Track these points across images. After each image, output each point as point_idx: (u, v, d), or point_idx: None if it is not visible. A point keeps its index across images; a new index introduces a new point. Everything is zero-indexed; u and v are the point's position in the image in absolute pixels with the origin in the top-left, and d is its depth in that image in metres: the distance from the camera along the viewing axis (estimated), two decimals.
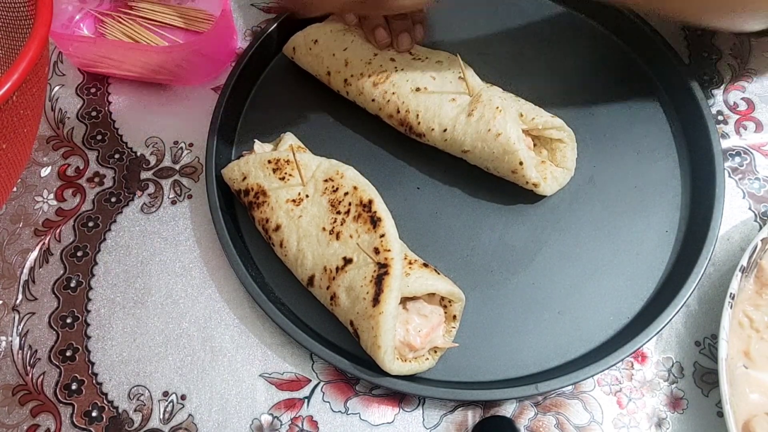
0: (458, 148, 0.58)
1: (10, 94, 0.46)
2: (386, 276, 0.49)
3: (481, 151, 0.57)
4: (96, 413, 0.54)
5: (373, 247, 0.51)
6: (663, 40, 0.64)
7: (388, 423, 0.53)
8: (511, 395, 0.52)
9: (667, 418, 0.52)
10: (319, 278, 0.53)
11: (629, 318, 0.55)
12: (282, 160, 0.57)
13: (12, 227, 0.62)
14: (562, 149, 0.59)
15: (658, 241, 0.58)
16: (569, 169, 0.59)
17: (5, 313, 0.58)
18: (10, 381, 0.55)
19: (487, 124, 0.56)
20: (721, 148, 0.59)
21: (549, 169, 0.59)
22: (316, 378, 0.55)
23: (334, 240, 0.52)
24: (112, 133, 0.66)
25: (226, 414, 0.54)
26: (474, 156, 0.58)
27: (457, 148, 0.58)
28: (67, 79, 0.70)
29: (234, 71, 0.64)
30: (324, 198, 0.55)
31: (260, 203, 0.56)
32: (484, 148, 0.57)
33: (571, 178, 0.59)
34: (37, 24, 0.49)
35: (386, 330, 0.48)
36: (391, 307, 0.48)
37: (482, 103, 0.56)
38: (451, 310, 0.52)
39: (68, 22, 0.71)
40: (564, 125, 0.58)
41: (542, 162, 0.59)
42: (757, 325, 0.52)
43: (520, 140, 0.56)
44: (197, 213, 0.62)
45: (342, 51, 0.62)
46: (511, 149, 0.55)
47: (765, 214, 0.60)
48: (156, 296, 0.58)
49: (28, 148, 0.57)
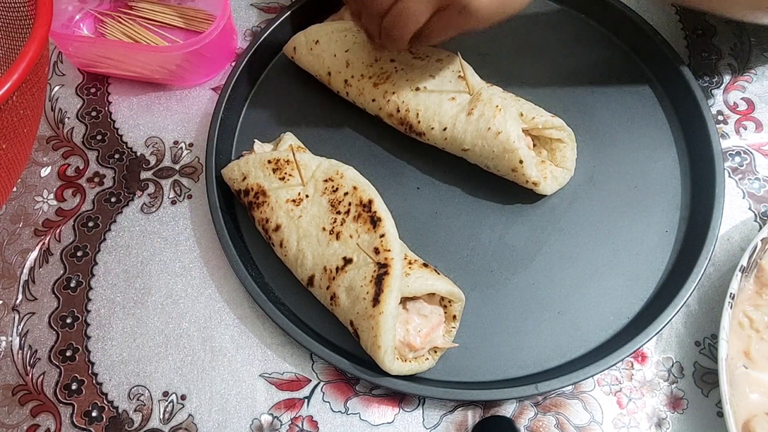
0: (458, 146, 0.58)
1: (10, 94, 0.46)
2: (386, 276, 0.49)
3: (481, 149, 0.57)
4: (96, 413, 0.54)
5: (373, 247, 0.51)
6: (663, 40, 0.64)
7: (388, 423, 0.53)
8: (511, 395, 0.52)
9: (667, 418, 0.52)
10: (319, 278, 0.53)
11: (629, 318, 0.55)
12: (282, 160, 0.57)
13: (12, 227, 0.62)
14: (561, 149, 0.59)
15: (658, 241, 0.58)
16: (569, 169, 0.59)
17: (5, 313, 0.58)
18: (10, 381, 0.55)
19: (487, 122, 0.56)
20: (721, 148, 0.59)
21: (549, 168, 0.59)
22: (316, 378, 0.55)
23: (334, 240, 0.52)
24: (112, 133, 0.66)
25: (226, 414, 0.54)
26: (474, 154, 0.58)
27: (457, 146, 0.58)
28: (67, 79, 0.70)
29: (234, 71, 0.64)
30: (324, 198, 0.54)
31: (260, 203, 0.56)
32: (484, 147, 0.57)
33: (570, 177, 0.59)
34: (37, 24, 0.49)
35: (386, 330, 0.48)
36: (391, 307, 0.48)
37: (482, 102, 0.56)
38: (451, 310, 0.52)
39: (68, 22, 0.71)
40: (564, 125, 0.58)
41: (542, 162, 0.59)
42: (757, 326, 0.52)
43: (520, 139, 0.56)
44: (197, 213, 0.62)
45: (343, 52, 0.62)
46: (511, 147, 0.55)
47: (765, 214, 0.60)
48: (156, 296, 0.58)
49: (28, 148, 0.57)
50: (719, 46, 0.68)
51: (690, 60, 0.68)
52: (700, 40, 0.69)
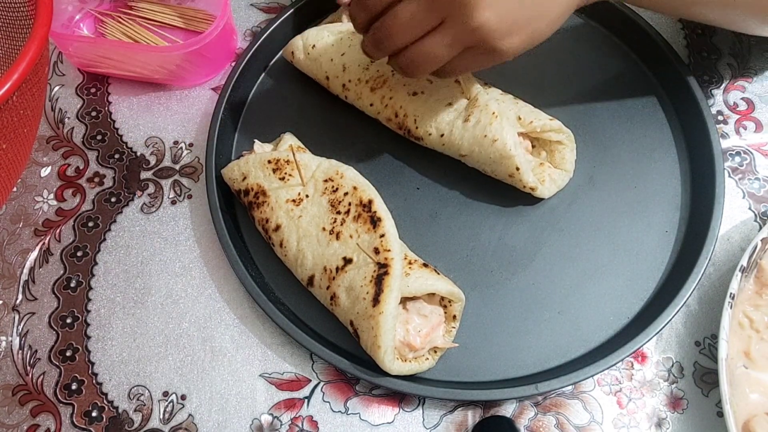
0: (455, 151, 0.58)
1: (10, 94, 0.46)
2: (386, 276, 0.49)
3: (478, 155, 0.57)
4: (96, 413, 0.54)
5: (373, 247, 0.51)
6: (663, 40, 0.64)
7: (388, 423, 0.53)
8: (511, 395, 0.52)
9: (667, 418, 0.52)
10: (319, 278, 0.53)
11: (629, 318, 0.55)
12: (282, 160, 0.57)
13: (12, 227, 0.62)
14: (561, 151, 0.59)
15: (658, 241, 0.58)
16: (568, 170, 0.59)
17: (5, 313, 0.58)
18: (10, 381, 0.55)
19: (483, 129, 0.55)
20: (721, 148, 0.59)
21: (547, 171, 0.59)
22: (316, 378, 0.55)
23: (334, 240, 0.52)
24: (112, 133, 0.66)
25: (226, 414, 0.54)
26: (471, 159, 0.58)
27: (455, 151, 0.58)
28: (67, 79, 0.70)
29: (234, 71, 0.64)
30: (324, 198, 0.54)
31: (260, 203, 0.56)
32: (481, 153, 0.56)
33: (570, 178, 0.59)
34: (37, 24, 0.49)
35: (386, 330, 0.48)
36: (391, 307, 0.48)
37: (479, 108, 0.56)
38: (451, 310, 0.52)
39: (68, 22, 0.71)
40: (562, 127, 0.57)
41: (540, 164, 0.59)
42: (757, 326, 0.52)
43: (517, 146, 0.55)
44: (197, 213, 0.62)
45: (340, 56, 0.62)
46: (507, 155, 0.55)
47: (765, 214, 0.60)
48: (156, 296, 0.58)
49: (28, 148, 0.57)
50: (719, 46, 0.68)
51: (690, 60, 0.68)
52: (699, 39, 0.69)
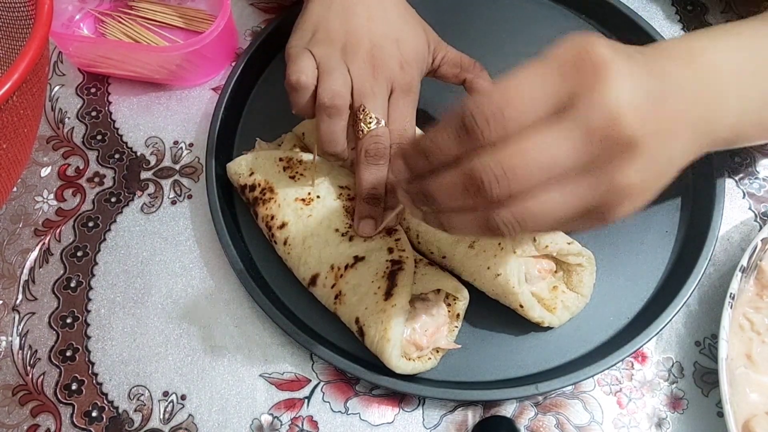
0: (458, 274, 0.54)
1: (10, 94, 0.46)
2: (400, 271, 0.50)
3: (481, 285, 0.53)
4: (96, 413, 0.54)
5: (387, 247, 0.52)
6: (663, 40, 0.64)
7: (388, 423, 0.53)
8: (511, 395, 0.52)
9: (667, 418, 0.52)
10: (324, 276, 0.53)
11: (629, 318, 0.55)
12: (294, 159, 0.57)
13: (12, 227, 0.62)
14: (579, 273, 0.53)
15: (658, 241, 0.58)
16: (585, 295, 0.53)
17: (5, 313, 0.58)
18: (10, 381, 0.55)
19: (486, 260, 0.51)
20: None
21: (560, 297, 0.53)
22: (316, 378, 0.55)
23: (346, 241, 0.53)
24: (112, 133, 0.66)
25: (226, 414, 0.54)
26: (475, 284, 0.53)
27: (457, 274, 0.54)
28: (67, 79, 0.70)
29: (234, 71, 0.64)
30: (338, 202, 0.55)
31: (266, 200, 0.56)
32: (484, 284, 0.52)
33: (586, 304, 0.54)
34: (37, 24, 0.49)
35: (397, 322, 0.48)
36: (404, 300, 0.49)
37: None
38: (455, 309, 0.52)
39: (68, 22, 0.70)
40: (582, 250, 0.52)
41: (554, 287, 0.53)
42: (758, 328, 0.52)
43: (521, 283, 0.51)
44: (197, 213, 0.62)
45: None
46: (511, 291, 0.50)
47: (765, 214, 0.60)
48: (156, 296, 0.58)
49: (28, 148, 0.57)
50: None
51: None
52: None
